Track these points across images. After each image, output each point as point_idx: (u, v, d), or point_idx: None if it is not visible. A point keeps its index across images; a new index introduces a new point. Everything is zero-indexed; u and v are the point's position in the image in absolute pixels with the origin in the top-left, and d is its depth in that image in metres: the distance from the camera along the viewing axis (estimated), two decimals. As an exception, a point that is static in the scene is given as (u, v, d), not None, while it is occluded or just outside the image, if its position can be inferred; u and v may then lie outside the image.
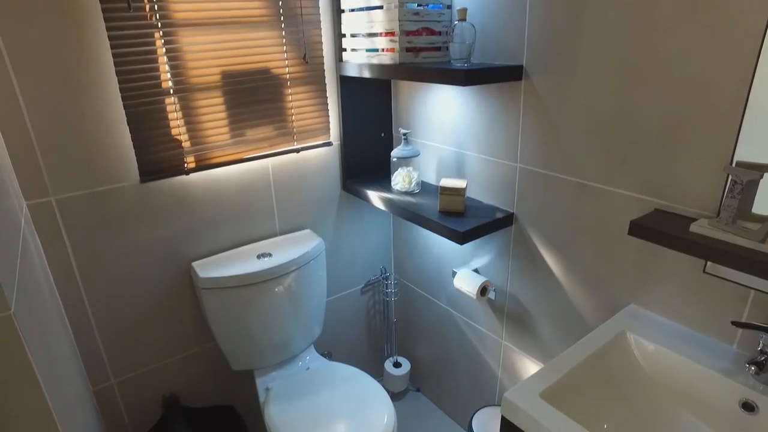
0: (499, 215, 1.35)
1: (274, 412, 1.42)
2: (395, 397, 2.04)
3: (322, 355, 1.68)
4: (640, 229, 0.98)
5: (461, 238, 1.26)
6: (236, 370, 1.58)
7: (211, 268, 1.43)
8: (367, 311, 1.97)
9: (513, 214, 1.36)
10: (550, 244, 1.29)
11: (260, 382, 1.56)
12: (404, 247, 1.86)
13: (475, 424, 1.52)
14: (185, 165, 1.38)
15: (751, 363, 0.85)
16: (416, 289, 1.86)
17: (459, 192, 1.34)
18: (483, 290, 1.47)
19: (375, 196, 1.55)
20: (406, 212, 1.43)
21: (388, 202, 1.50)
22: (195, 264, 1.45)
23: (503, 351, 1.56)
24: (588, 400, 0.92)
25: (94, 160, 1.25)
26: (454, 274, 1.55)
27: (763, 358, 0.86)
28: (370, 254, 1.88)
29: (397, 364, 1.99)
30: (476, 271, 1.54)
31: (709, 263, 0.99)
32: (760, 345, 0.88)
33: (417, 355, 2.00)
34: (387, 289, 1.94)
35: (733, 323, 0.89)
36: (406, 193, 1.54)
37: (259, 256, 1.49)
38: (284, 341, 1.58)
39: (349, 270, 1.85)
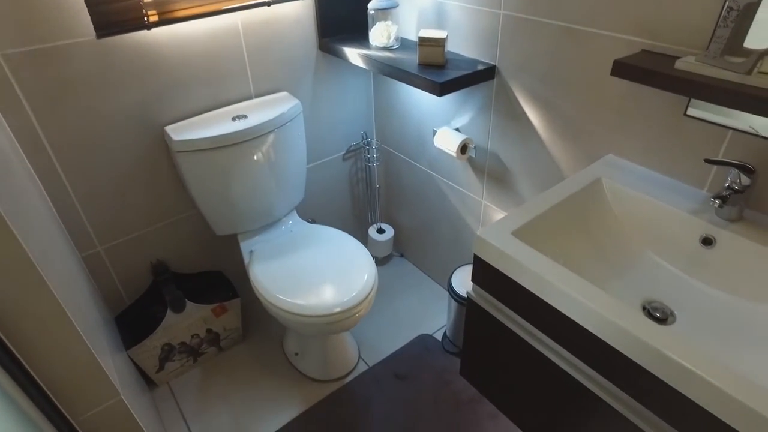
0: (480, 67, 1.28)
1: (258, 272, 1.47)
2: (380, 262, 2.12)
3: (306, 222, 1.71)
4: (623, 68, 0.93)
5: (439, 90, 1.21)
6: (220, 235, 1.61)
7: (184, 131, 1.38)
8: (349, 178, 1.97)
9: (495, 66, 1.30)
10: (532, 97, 1.25)
11: (244, 246, 1.60)
12: (385, 111, 1.81)
13: (454, 281, 1.60)
14: (146, 18, 1.27)
15: (716, 197, 0.86)
16: (398, 154, 1.85)
17: (439, 42, 1.26)
18: (463, 148, 1.45)
19: (353, 53, 1.47)
20: (385, 67, 1.36)
21: (366, 58, 1.42)
22: (168, 128, 1.40)
23: (483, 210, 1.59)
24: (558, 240, 0.95)
25: (41, 10, 1.14)
26: (434, 133, 1.53)
27: (727, 193, 0.87)
28: (351, 119, 1.83)
29: (380, 231, 2.04)
30: (457, 130, 1.51)
31: (690, 106, 0.97)
32: (728, 181, 0.88)
33: (400, 221, 2.05)
34: (369, 154, 1.92)
35: (706, 160, 0.88)
36: (385, 48, 1.46)
37: (234, 118, 1.44)
38: (266, 206, 1.59)
39: (330, 136, 1.81)
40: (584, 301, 0.76)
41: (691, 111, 0.97)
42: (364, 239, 2.12)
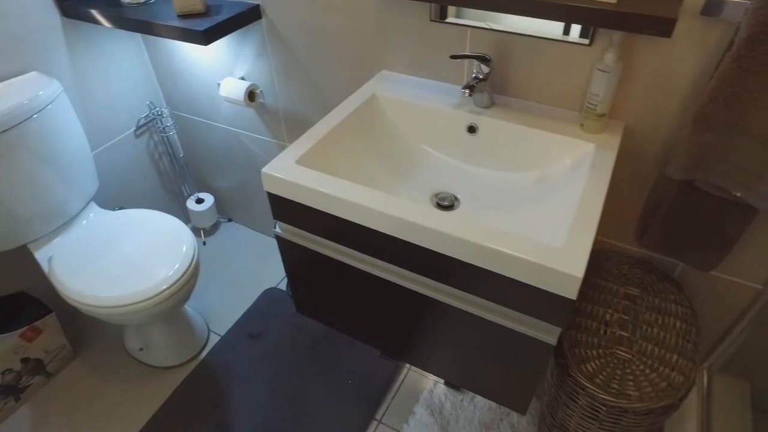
0: (243, 9, 1.24)
1: (63, 278, 1.32)
2: (208, 232, 2.04)
3: (111, 211, 1.55)
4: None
5: (204, 38, 1.16)
6: (5, 250, 1.40)
7: None
8: (150, 154, 1.82)
9: (259, 5, 1.27)
10: (301, 30, 1.26)
11: (40, 255, 1.41)
12: (167, 75, 1.67)
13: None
14: None
15: (465, 87, 0.97)
16: (193, 118, 1.74)
17: (190, -13, 1.19)
18: (251, 95, 1.42)
19: (101, 15, 1.31)
20: (141, 24, 1.24)
21: (118, 18, 1.28)
22: None
23: (291, 154, 1.59)
24: (346, 159, 0.99)
25: None
26: (219, 86, 1.46)
27: (474, 83, 0.99)
28: (131, 91, 1.67)
29: (199, 201, 1.94)
30: (243, 78, 1.47)
31: (433, 11, 1.05)
32: (474, 72, 1.00)
33: (218, 186, 1.97)
34: (163, 125, 1.78)
35: (451, 57, 0.99)
36: (138, 4, 1.33)
37: (-29, 113, 1.22)
38: (52, 205, 1.40)
39: (111, 113, 1.64)
40: (377, 209, 0.81)
41: (434, 16, 1.06)
42: (184, 213, 2.01)
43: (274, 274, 1.85)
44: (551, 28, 0.95)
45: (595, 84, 0.90)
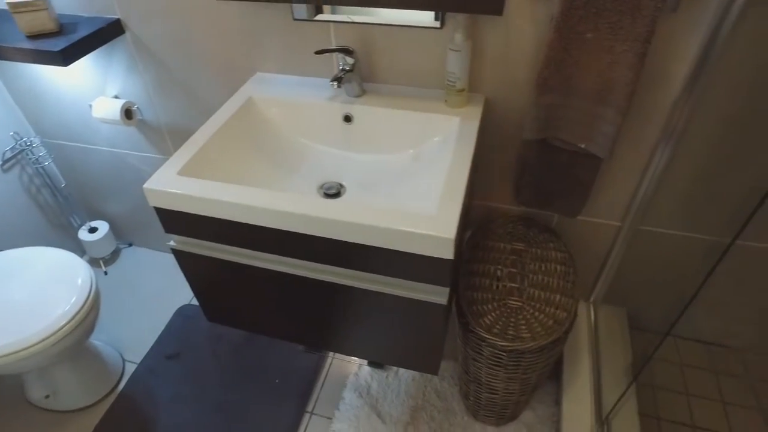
0: (103, 25, 1.20)
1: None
2: (109, 261, 1.94)
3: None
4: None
5: (62, 59, 1.11)
6: None
7: None
8: (25, 189, 1.70)
9: (119, 19, 1.23)
10: (170, 42, 1.24)
11: None
12: (30, 101, 1.56)
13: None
14: None
15: (333, 80, 1.02)
16: (69, 144, 1.65)
17: (37, 5, 1.12)
18: (128, 113, 1.38)
19: (-61, 45, 1.21)
20: (-13, 51, 1.17)
21: (-41, 47, 1.19)
22: None
23: (182, 167, 1.56)
24: (230, 163, 1.01)
25: None
26: (91, 107, 1.40)
27: (342, 74, 1.04)
28: (-9, 124, 1.54)
29: (93, 230, 1.84)
30: (116, 97, 1.41)
31: (295, 10, 1.08)
32: (341, 65, 1.05)
33: (111, 212, 1.88)
34: (35, 155, 1.67)
35: (316, 53, 1.03)
36: (-18, 30, 1.24)
37: None
38: None
39: (-29, 151, 1.51)
40: (265, 206, 0.84)
41: (296, 14, 1.09)
42: (78, 245, 1.90)
43: (186, 291, 1.81)
44: (406, 16, 1.02)
45: (450, 63, 0.99)
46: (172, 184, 0.88)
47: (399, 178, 1.02)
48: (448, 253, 0.78)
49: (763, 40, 0.85)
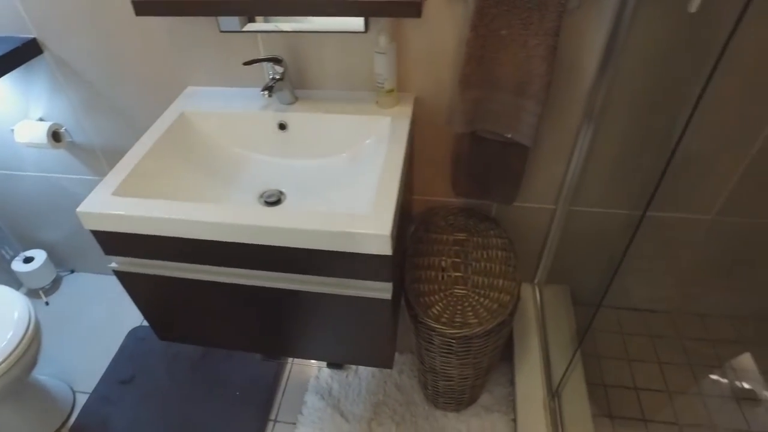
0: (17, 45, 1.16)
1: None
2: (50, 290, 1.86)
3: None
4: (145, 5, 0.98)
5: (-23, 85, 1.06)
6: None
7: None
8: (-50, 224, 1.61)
9: (35, 38, 1.19)
10: (95, 60, 1.21)
11: None
12: (-52, 132, 1.49)
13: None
14: None
15: (264, 89, 1.03)
16: (-5, 172, 1.58)
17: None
18: (55, 135, 1.33)
19: None
20: None
21: None
22: None
23: (120, 187, 1.52)
24: (167, 179, 1.00)
25: None
26: (13, 132, 1.35)
27: (272, 83, 1.05)
28: None
29: (28, 260, 1.76)
30: (41, 119, 1.36)
31: (221, 23, 1.08)
32: (271, 74, 1.06)
33: (48, 239, 1.80)
34: (-41, 188, 1.58)
35: (244, 64, 1.04)
36: None
37: None
38: None
39: None
40: (204, 219, 0.84)
41: (223, 27, 1.09)
42: (12, 277, 1.81)
43: (136, 312, 1.75)
44: (332, 22, 1.04)
45: (377, 65, 1.02)
46: (107, 205, 0.87)
47: (337, 181, 1.05)
48: (386, 250, 0.80)
49: (657, 24, 0.93)
